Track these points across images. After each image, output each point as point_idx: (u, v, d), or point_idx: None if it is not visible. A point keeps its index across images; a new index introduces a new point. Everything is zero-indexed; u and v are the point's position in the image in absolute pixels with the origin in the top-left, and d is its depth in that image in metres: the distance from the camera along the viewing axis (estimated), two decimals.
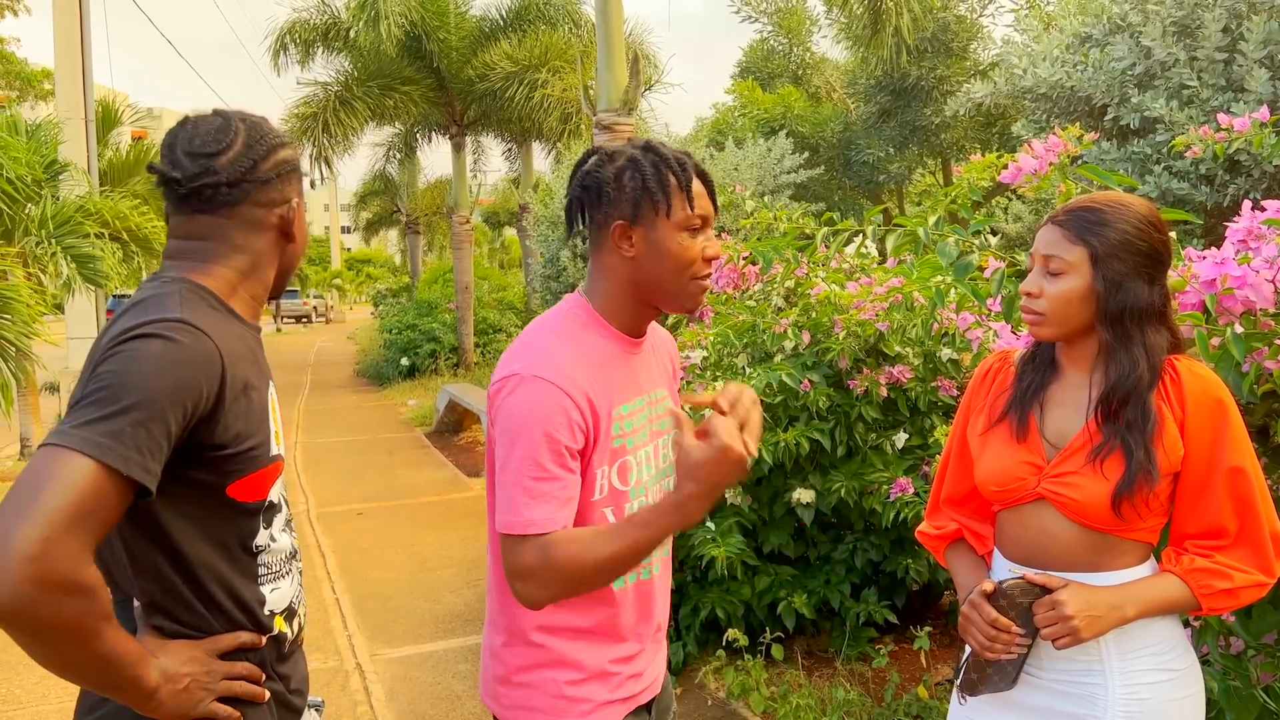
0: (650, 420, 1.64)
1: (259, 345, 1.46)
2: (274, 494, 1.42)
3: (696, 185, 1.55)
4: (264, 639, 1.41)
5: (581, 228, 1.61)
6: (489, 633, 1.67)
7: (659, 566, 1.70)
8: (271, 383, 1.46)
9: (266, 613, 1.42)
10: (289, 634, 1.47)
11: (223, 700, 1.34)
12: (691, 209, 1.53)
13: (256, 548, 1.40)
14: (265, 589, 1.41)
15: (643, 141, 1.58)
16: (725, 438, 1.32)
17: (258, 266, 1.45)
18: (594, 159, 1.58)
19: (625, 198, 1.52)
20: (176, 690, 1.28)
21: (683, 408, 1.70)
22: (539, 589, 1.43)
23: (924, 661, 3.81)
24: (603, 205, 1.54)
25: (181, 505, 1.31)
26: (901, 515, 3.62)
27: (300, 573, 1.54)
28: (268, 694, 1.40)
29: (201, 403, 1.24)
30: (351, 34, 14.06)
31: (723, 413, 1.38)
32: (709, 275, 1.59)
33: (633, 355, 1.62)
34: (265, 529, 1.41)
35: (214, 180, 1.37)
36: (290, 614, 1.48)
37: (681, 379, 1.81)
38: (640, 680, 1.68)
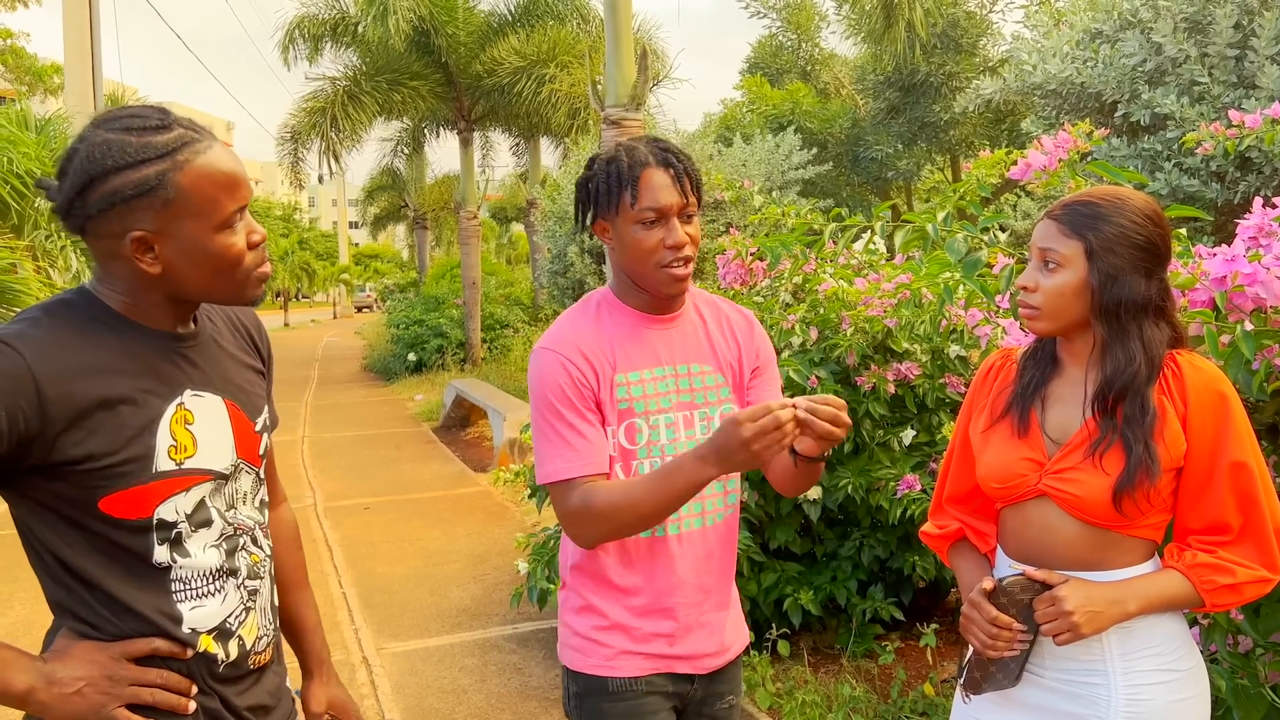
0: (677, 390, 1.76)
1: (167, 355, 1.36)
2: (167, 511, 1.33)
3: (654, 178, 1.67)
4: (188, 650, 1.35)
5: (587, 225, 1.81)
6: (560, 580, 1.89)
7: (675, 528, 1.75)
8: (193, 392, 1.37)
9: (186, 630, 1.34)
10: (221, 655, 1.39)
11: (139, 708, 1.30)
12: (635, 204, 1.66)
13: (159, 564, 1.33)
14: (183, 606, 1.35)
15: (620, 144, 1.74)
16: (757, 422, 1.44)
17: (136, 289, 1.33)
18: (586, 168, 1.77)
19: (591, 200, 1.74)
20: (65, 694, 1.25)
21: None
22: (586, 530, 1.66)
23: (930, 659, 3.80)
24: (584, 208, 1.76)
25: (56, 517, 1.29)
26: (908, 512, 3.61)
27: (252, 593, 1.45)
28: (193, 706, 1.35)
29: (6, 422, 1.21)
30: (360, 29, 14.07)
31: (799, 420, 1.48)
32: (679, 262, 1.69)
33: (652, 329, 1.77)
34: (162, 545, 1.33)
35: (55, 207, 1.29)
36: (224, 634, 1.39)
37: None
38: (672, 644, 1.76)
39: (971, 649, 1.67)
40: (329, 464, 9.21)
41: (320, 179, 19.05)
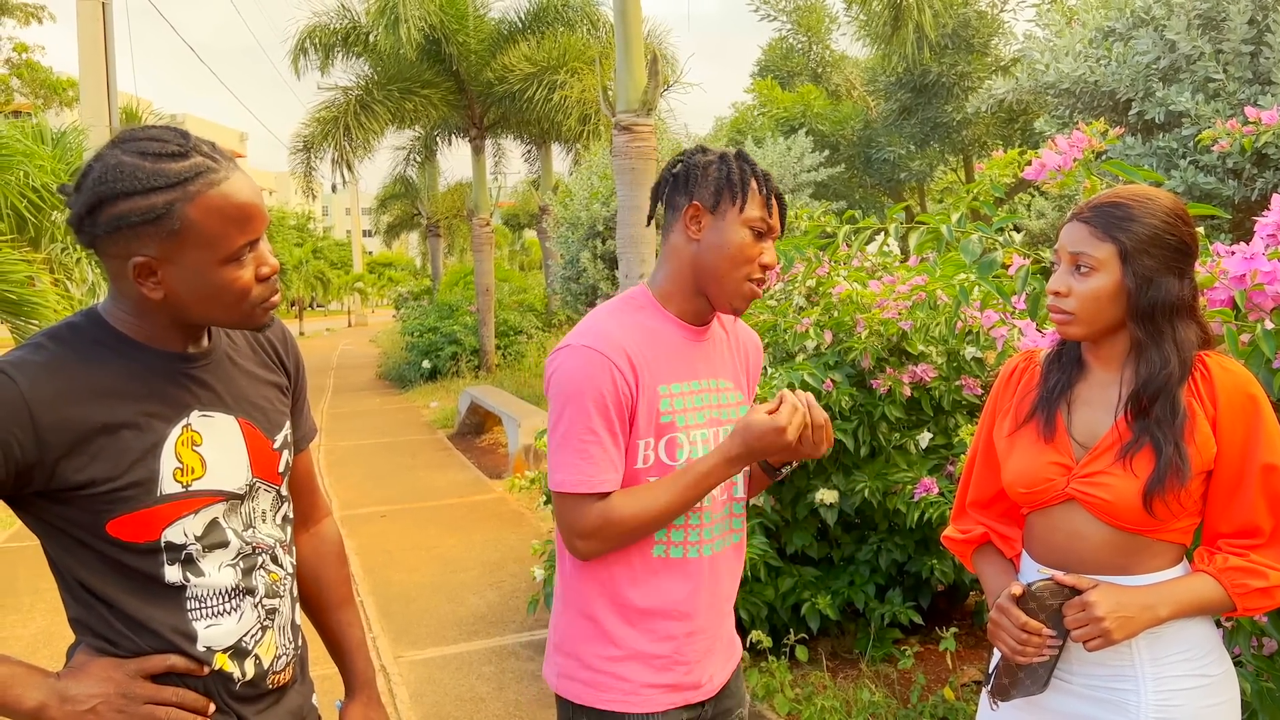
0: (710, 405, 1.73)
1: (173, 377, 1.35)
2: (175, 534, 1.32)
3: (774, 201, 1.69)
4: (205, 668, 1.34)
5: (659, 210, 1.76)
6: (554, 604, 1.80)
7: (705, 550, 1.71)
8: (202, 413, 1.37)
9: (201, 648, 1.34)
10: (237, 674, 1.38)
11: None
12: (768, 213, 1.66)
13: (172, 583, 1.33)
14: (198, 624, 1.34)
15: (737, 150, 1.71)
16: (783, 415, 1.55)
17: (142, 311, 1.33)
18: (693, 148, 1.73)
19: (709, 183, 1.65)
20: (79, 712, 1.25)
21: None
22: (598, 544, 1.62)
23: (950, 663, 3.78)
24: (687, 187, 1.67)
25: (68, 538, 1.30)
26: (926, 515, 3.59)
27: (270, 612, 1.43)
28: None
29: (4, 449, 1.21)
30: (371, 38, 14.13)
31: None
32: (762, 282, 1.68)
33: (692, 341, 1.73)
34: (173, 566, 1.33)
35: (68, 219, 1.29)
36: (239, 653, 1.38)
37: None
38: (690, 671, 1.70)
39: (999, 655, 1.65)
40: (345, 472, 9.24)
41: (334, 188, 19.14)
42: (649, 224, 1.96)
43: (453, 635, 4.85)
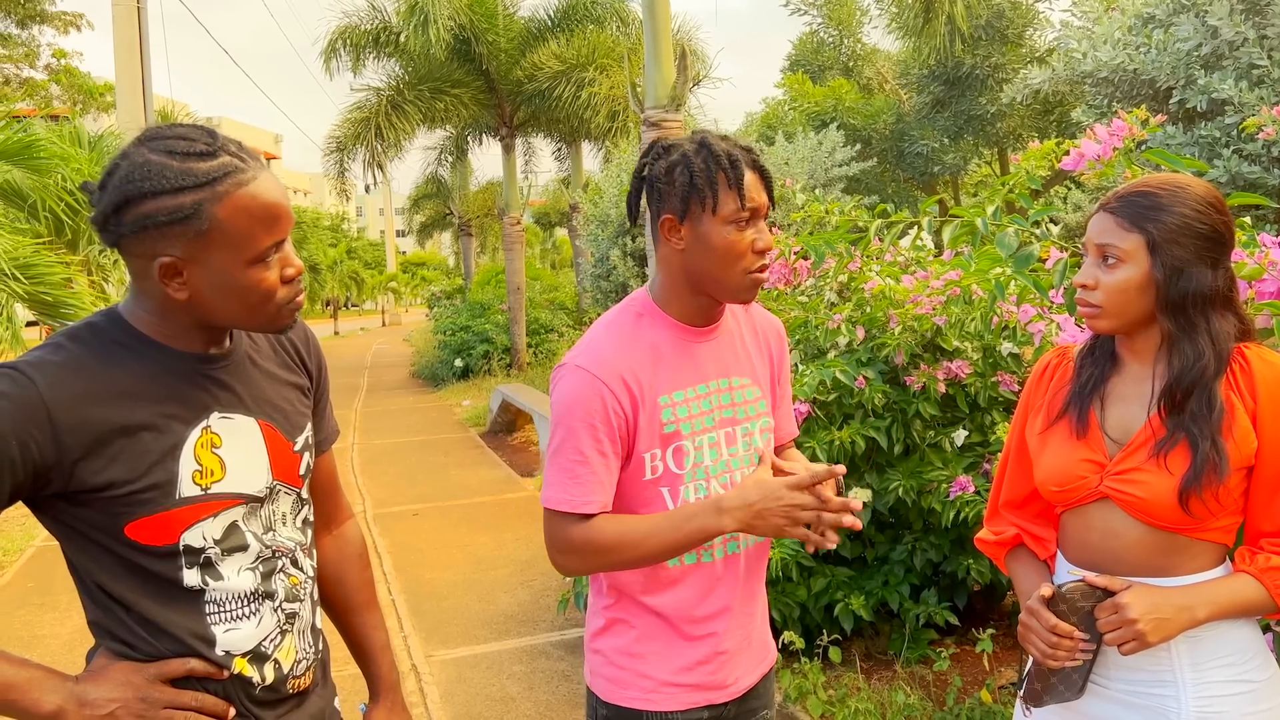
0: (720, 406, 1.68)
1: (193, 378, 1.33)
2: (193, 537, 1.31)
3: (750, 178, 1.56)
4: (224, 672, 1.33)
5: (640, 219, 1.70)
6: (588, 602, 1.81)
7: (719, 553, 1.68)
8: (222, 415, 1.35)
9: (220, 653, 1.33)
10: (257, 678, 1.36)
11: None
12: (742, 205, 1.54)
13: (190, 587, 1.31)
14: (217, 629, 1.33)
15: (699, 136, 1.59)
16: (792, 498, 1.47)
17: (164, 311, 1.31)
18: (652, 152, 1.63)
19: (675, 193, 1.56)
20: (97, 715, 1.24)
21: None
22: (577, 562, 1.61)
23: (987, 664, 3.71)
24: (655, 199, 1.60)
25: (87, 541, 1.29)
26: (962, 514, 3.53)
27: (290, 616, 1.42)
28: None
29: (18, 450, 1.19)
30: (401, 38, 14.20)
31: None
32: (763, 267, 1.60)
33: (695, 344, 1.67)
34: (192, 570, 1.31)
35: (91, 218, 1.28)
36: (259, 658, 1.36)
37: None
38: (714, 672, 1.68)
39: (1031, 659, 1.60)
40: (378, 470, 9.29)
41: (366, 189, 19.29)
42: (623, 233, 1.87)
43: (483, 634, 4.84)
